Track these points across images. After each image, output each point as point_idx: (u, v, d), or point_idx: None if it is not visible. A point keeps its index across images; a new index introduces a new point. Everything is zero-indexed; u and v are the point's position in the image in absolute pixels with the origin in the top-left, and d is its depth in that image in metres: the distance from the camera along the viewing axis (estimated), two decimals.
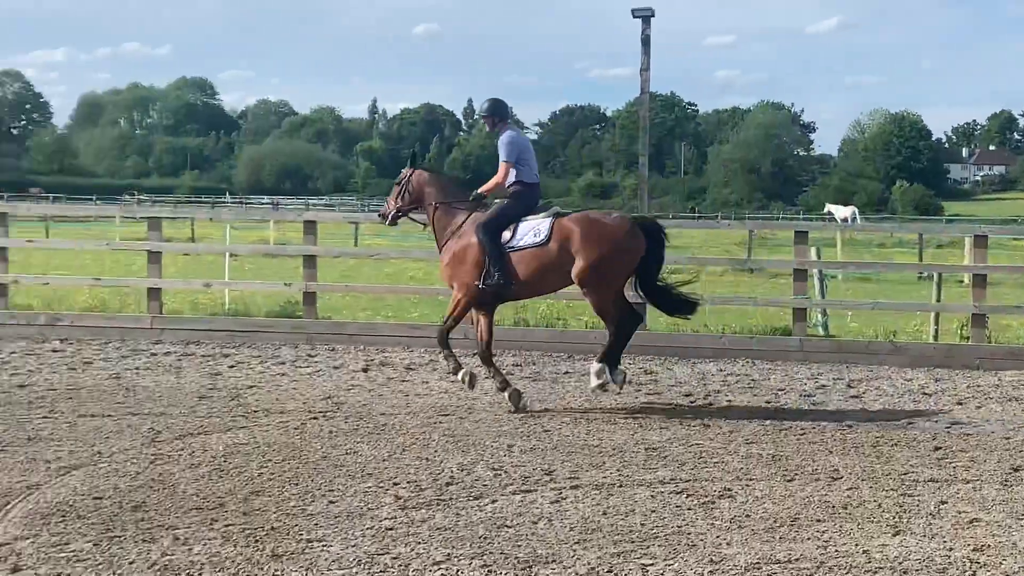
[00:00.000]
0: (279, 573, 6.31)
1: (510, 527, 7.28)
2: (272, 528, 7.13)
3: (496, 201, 11.96)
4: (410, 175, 12.35)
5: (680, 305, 11.67)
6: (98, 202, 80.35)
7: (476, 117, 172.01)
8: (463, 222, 11.77)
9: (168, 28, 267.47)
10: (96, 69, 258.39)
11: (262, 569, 6.36)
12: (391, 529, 7.17)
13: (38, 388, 12.00)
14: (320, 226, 16.82)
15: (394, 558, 6.61)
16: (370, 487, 8.19)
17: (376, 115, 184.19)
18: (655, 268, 11.50)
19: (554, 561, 6.60)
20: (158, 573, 6.27)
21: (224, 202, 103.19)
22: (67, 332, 15.59)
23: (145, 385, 12.31)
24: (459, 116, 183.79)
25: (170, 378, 12.78)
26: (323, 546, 6.79)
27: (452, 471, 8.69)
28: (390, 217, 12.48)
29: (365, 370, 13.54)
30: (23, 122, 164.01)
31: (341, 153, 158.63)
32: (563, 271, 11.27)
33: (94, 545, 6.73)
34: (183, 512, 7.46)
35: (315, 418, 10.70)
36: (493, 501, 7.89)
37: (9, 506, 7.51)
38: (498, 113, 12.04)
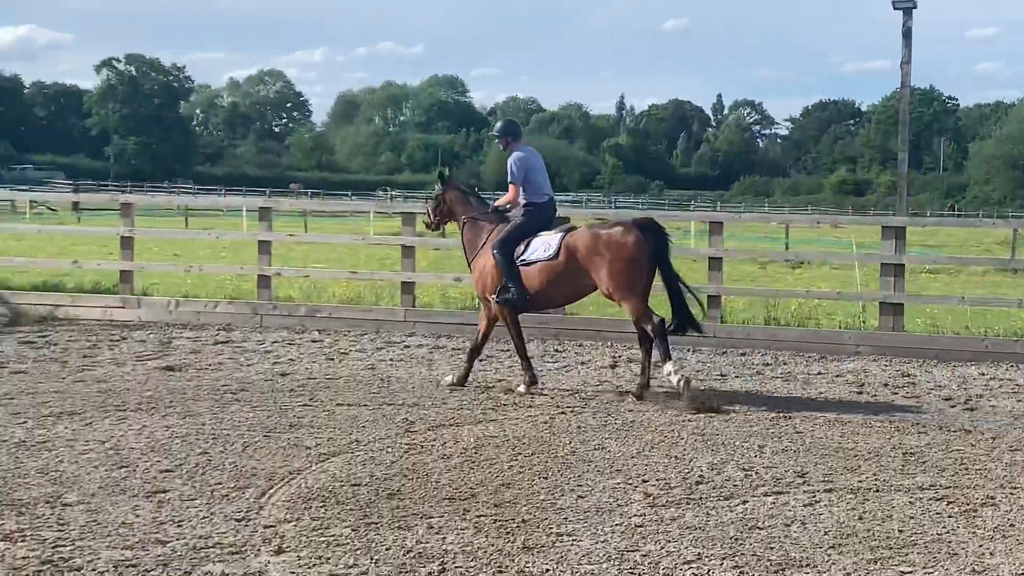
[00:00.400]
0: (530, 565, 6.36)
1: (762, 529, 7.16)
2: (523, 520, 7.19)
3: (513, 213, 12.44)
4: (442, 192, 13.00)
5: (682, 321, 11.86)
6: (353, 198, 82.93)
7: (719, 113, 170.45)
8: (487, 238, 12.41)
9: (421, 28, 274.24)
10: (353, 69, 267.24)
11: (513, 561, 6.42)
12: (640, 526, 7.14)
13: (299, 377, 12.45)
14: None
15: (644, 555, 6.58)
16: (619, 483, 8.19)
17: (623, 111, 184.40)
18: (665, 263, 11.68)
19: (808, 565, 6.45)
20: (413, 560, 6.40)
21: None
22: (325, 323, 16.12)
23: (399, 376, 12.63)
24: (707, 112, 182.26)
25: (422, 370, 13.06)
26: (573, 540, 6.82)
27: (702, 470, 8.60)
28: (433, 226, 13.35)
29: (613, 367, 13.55)
30: (284, 120, 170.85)
31: (588, 149, 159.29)
32: (573, 283, 11.85)
33: (352, 530, 6.92)
34: (436, 501, 7.61)
35: (563, 413, 10.77)
36: (744, 502, 7.77)
37: (273, 490, 7.80)
38: (511, 133, 12.64)
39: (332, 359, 13.76)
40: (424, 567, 6.28)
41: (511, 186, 12.32)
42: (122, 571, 6.08)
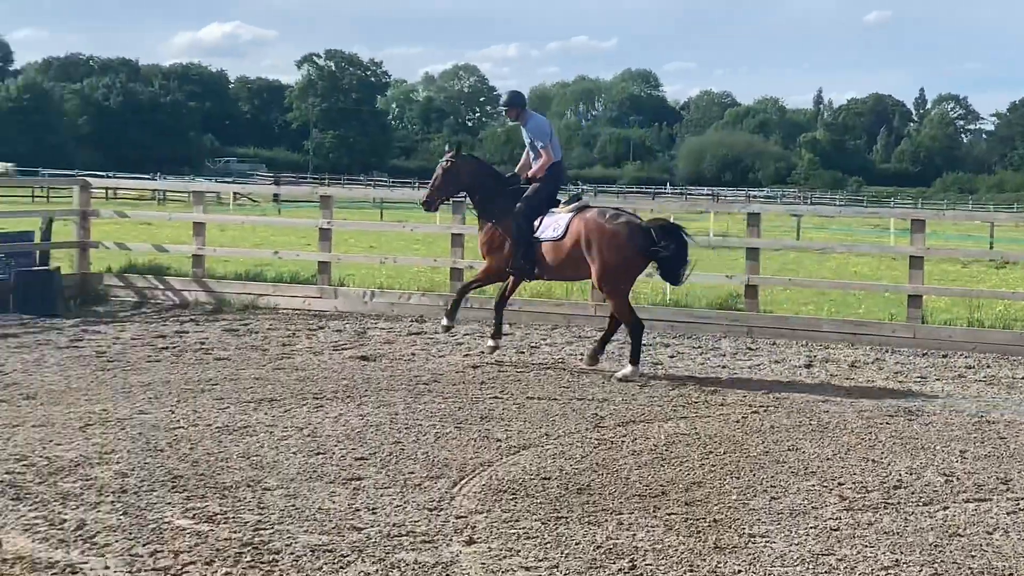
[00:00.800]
0: (721, 566, 6.28)
1: (962, 536, 6.93)
2: (714, 520, 7.11)
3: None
4: (454, 163, 13.23)
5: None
6: None
7: (921, 107, 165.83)
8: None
9: (615, 22, 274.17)
10: (545, 63, 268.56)
11: (704, 560, 6.35)
12: (836, 530, 6.99)
13: (489, 369, 12.54)
14: (762, 218, 16.64)
15: (839, 559, 6.44)
16: (813, 485, 8.03)
17: (821, 105, 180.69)
18: (679, 266, 12.27)
19: (1011, 575, 6.22)
20: (603, 556, 6.38)
21: (664, 192, 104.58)
22: (515, 316, 16.19)
23: (588, 371, 12.61)
24: (909, 106, 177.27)
25: (611, 365, 13.03)
26: (766, 542, 6.71)
27: (900, 474, 8.37)
28: (434, 206, 13.52)
29: (808, 366, 13.30)
30: (476, 114, 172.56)
31: (784, 144, 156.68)
32: (576, 265, 12.45)
33: (542, 524, 6.94)
34: (626, 498, 7.58)
35: (756, 412, 10.61)
36: (944, 508, 7.53)
37: (464, 481, 7.89)
38: (517, 103, 13.15)
39: (522, 352, 13.84)
40: (614, 563, 6.26)
41: (543, 150, 12.87)
42: (319, 555, 6.22)
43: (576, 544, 6.58)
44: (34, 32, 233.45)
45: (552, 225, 12.53)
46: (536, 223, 12.64)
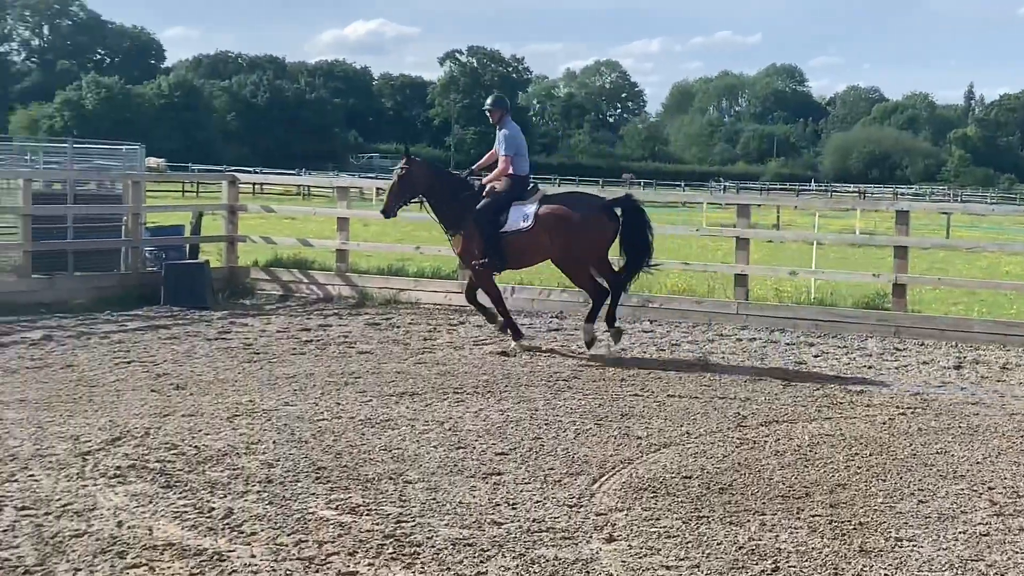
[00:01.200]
0: (867, 570, 6.15)
1: None
2: (859, 523, 6.97)
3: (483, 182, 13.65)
4: (407, 170, 13.65)
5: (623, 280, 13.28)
6: (686, 188, 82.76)
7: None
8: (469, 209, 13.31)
9: (759, 16, 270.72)
10: (689, 58, 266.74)
11: (849, 564, 6.23)
12: (986, 535, 6.80)
13: (629, 366, 12.49)
14: (910, 215, 16.27)
15: (989, 565, 6.27)
16: (962, 489, 7.82)
17: (972, 101, 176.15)
18: (640, 237, 13.11)
19: None
20: (745, 556, 6.30)
21: (808, 189, 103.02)
22: (656, 314, 16.11)
23: (730, 369, 12.48)
24: None
25: (754, 364, 12.87)
26: (913, 546, 6.56)
27: None
28: (392, 212, 14.09)
29: (957, 367, 12.96)
30: (618, 110, 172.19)
31: (933, 141, 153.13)
32: (542, 250, 13.23)
33: (683, 523, 6.88)
34: (769, 498, 7.47)
35: (903, 414, 10.38)
36: None
37: (604, 478, 7.86)
38: (502, 106, 13.70)
39: (663, 350, 13.74)
40: (757, 564, 6.18)
41: (504, 159, 13.36)
42: (459, 549, 6.25)
43: (718, 544, 6.51)
44: (185, 31, 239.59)
45: (520, 217, 13.09)
46: (501, 217, 13.17)
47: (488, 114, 13.85)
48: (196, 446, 8.33)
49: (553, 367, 12.26)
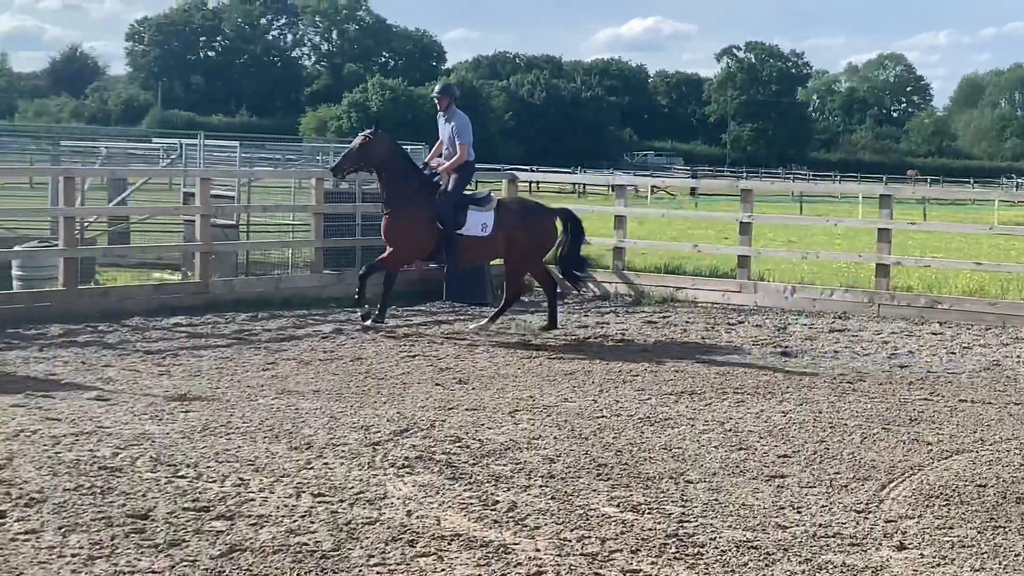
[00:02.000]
0: None
1: None
2: None
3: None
4: (371, 140, 13.64)
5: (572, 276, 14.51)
6: (975, 185, 79.60)
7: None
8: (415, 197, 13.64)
9: None
10: (978, 50, 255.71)
11: None
12: None
13: (918, 369, 12.07)
14: None
15: None
16: None
17: None
18: (576, 247, 14.29)
19: None
20: None
21: None
22: (945, 315, 15.51)
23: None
24: None
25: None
26: None
27: None
28: (342, 173, 14.16)
29: None
30: (903, 104, 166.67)
31: None
32: (496, 252, 14.12)
33: (978, 533, 6.60)
34: None
35: None
36: None
37: (893, 484, 7.60)
38: (451, 94, 14.23)
39: (954, 353, 13.21)
40: None
41: (462, 146, 13.78)
42: (744, 551, 6.15)
43: (1016, 556, 6.21)
44: (465, 32, 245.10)
45: (479, 224, 13.64)
46: (460, 218, 13.60)
47: (437, 101, 14.19)
48: (479, 439, 8.49)
49: (836, 368, 11.96)
